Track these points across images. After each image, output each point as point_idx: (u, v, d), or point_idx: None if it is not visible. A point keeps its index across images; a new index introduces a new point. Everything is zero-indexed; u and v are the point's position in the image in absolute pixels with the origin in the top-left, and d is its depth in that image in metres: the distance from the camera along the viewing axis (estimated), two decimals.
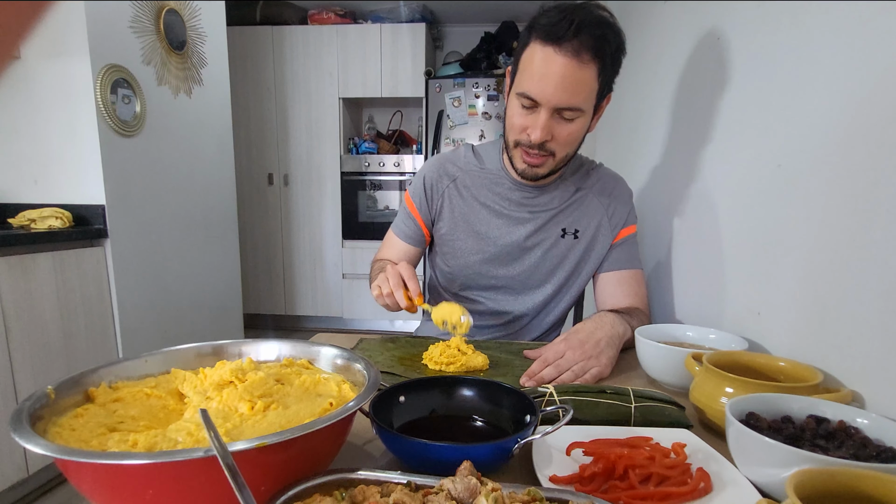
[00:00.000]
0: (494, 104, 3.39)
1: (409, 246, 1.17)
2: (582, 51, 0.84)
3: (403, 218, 1.17)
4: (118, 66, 2.00)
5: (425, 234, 1.16)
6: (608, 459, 0.51)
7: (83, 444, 0.45)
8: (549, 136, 0.92)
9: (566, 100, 0.88)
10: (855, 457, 0.47)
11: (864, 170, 0.64)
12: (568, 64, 0.85)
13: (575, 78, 0.86)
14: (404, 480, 0.43)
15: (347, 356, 0.62)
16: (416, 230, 1.16)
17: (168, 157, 2.33)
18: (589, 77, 0.87)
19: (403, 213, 1.18)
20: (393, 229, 1.20)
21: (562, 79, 0.86)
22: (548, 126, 0.91)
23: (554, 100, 0.88)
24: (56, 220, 1.85)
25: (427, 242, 1.19)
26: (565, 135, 0.93)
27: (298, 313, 3.83)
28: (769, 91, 0.86)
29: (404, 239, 1.17)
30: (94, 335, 1.93)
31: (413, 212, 1.15)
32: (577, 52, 0.84)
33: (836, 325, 0.68)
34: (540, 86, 0.88)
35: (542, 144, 0.93)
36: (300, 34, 3.52)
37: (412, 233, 1.16)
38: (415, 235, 1.16)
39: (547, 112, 0.89)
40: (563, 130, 0.92)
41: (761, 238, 0.86)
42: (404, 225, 1.17)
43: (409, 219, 1.16)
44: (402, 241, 1.17)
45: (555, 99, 0.88)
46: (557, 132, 0.92)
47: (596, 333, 0.86)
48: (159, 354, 0.62)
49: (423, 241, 1.18)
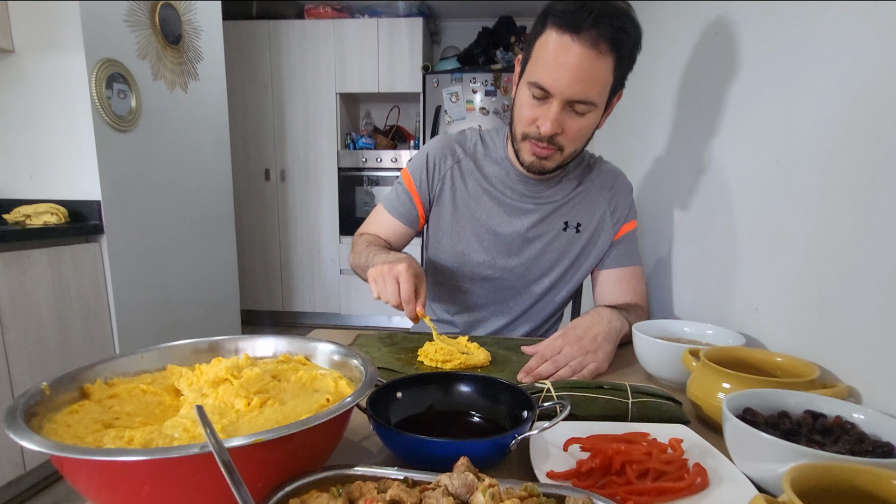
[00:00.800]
0: (492, 99, 3.38)
1: (399, 224, 1.10)
2: (600, 41, 0.81)
3: (398, 194, 1.10)
4: (113, 61, 1.98)
5: (420, 214, 1.10)
6: (605, 455, 0.51)
7: (78, 440, 0.45)
8: (559, 129, 0.89)
9: (580, 92, 0.84)
10: (851, 452, 0.47)
11: (863, 166, 0.64)
12: (585, 55, 0.81)
13: (591, 70, 0.83)
14: (401, 476, 0.43)
15: (344, 352, 0.62)
16: (412, 209, 1.10)
17: (164, 153, 2.32)
18: (604, 70, 0.84)
19: (399, 189, 1.11)
20: (384, 205, 1.12)
21: (577, 70, 0.82)
22: (559, 119, 0.87)
23: (568, 92, 0.84)
24: (51, 216, 1.84)
25: (420, 224, 1.13)
26: (575, 129, 0.90)
27: (296, 309, 3.83)
28: (768, 87, 0.85)
29: (396, 216, 1.10)
30: (90, 331, 1.93)
31: (411, 189, 1.09)
32: (594, 42, 0.81)
33: (833, 320, 0.68)
34: (554, 76, 0.84)
35: (552, 138, 0.90)
36: (297, 28, 3.50)
37: (406, 211, 1.10)
38: (409, 214, 1.10)
39: (559, 104, 0.86)
40: (573, 125, 0.89)
41: (759, 234, 0.86)
42: (398, 202, 1.10)
43: (404, 195, 1.09)
44: (394, 218, 1.10)
45: (569, 91, 0.84)
46: (568, 126, 0.89)
47: (593, 329, 0.86)
48: (156, 351, 0.61)
49: (417, 221, 1.11)
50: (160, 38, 2.25)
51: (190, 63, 2.47)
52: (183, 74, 2.42)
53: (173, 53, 2.34)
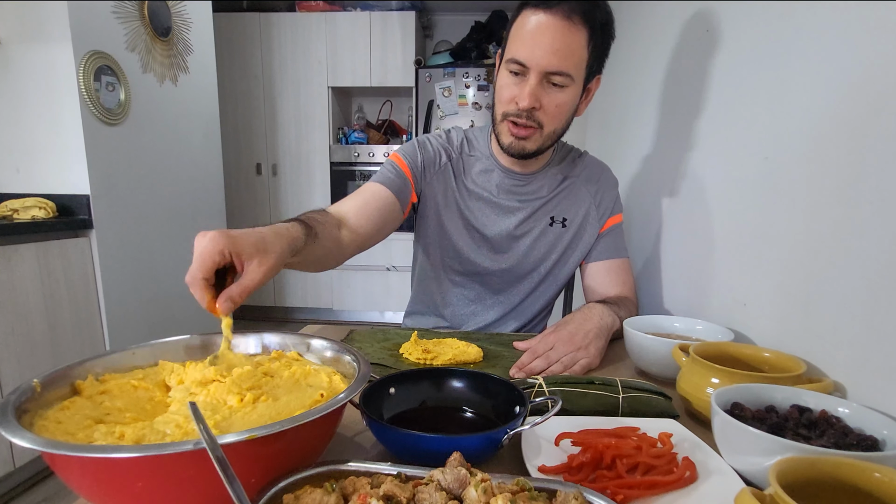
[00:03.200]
0: (485, 94, 3.37)
1: (388, 193, 0.98)
2: (573, 14, 0.85)
3: (388, 169, 1.03)
4: (101, 53, 1.96)
5: (412, 196, 1.04)
6: (596, 449, 0.52)
7: (69, 436, 0.45)
8: (537, 102, 0.91)
9: (556, 63, 0.87)
10: (836, 445, 0.48)
11: (849, 163, 0.65)
12: (559, 26, 0.85)
13: (565, 40, 0.86)
14: (394, 472, 0.43)
15: (337, 348, 0.62)
16: (404, 188, 1.02)
17: (154, 147, 2.30)
18: (579, 42, 0.87)
19: (388, 166, 1.04)
20: (375, 178, 1.02)
21: (552, 41, 0.86)
22: (536, 92, 0.90)
23: (543, 62, 0.87)
24: (39, 211, 1.82)
25: (407, 211, 1.05)
26: (554, 105, 0.92)
27: (288, 305, 3.81)
28: (756, 84, 0.86)
29: (386, 184, 1.00)
30: (80, 327, 1.91)
31: (403, 167, 1.03)
32: (567, 15, 0.85)
33: (819, 316, 0.69)
34: (529, 49, 0.87)
35: (531, 113, 0.92)
36: (288, 21, 3.47)
37: (398, 189, 1.01)
38: (401, 192, 1.01)
39: (536, 76, 0.89)
40: (552, 100, 0.91)
41: (747, 230, 0.87)
42: (392, 175, 1.02)
43: (395, 170, 1.03)
44: (386, 188, 0.99)
45: (544, 61, 0.87)
46: (546, 101, 0.91)
47: (585, 325, 0.87)
48: (147, 347, 0.61)
49: (407, 202, 1.03)
50: (149, 30, 2.21)
51: (180, 56, 2.44)
52: (173, 67, 2.39)
53: (163, 46, 2.31)
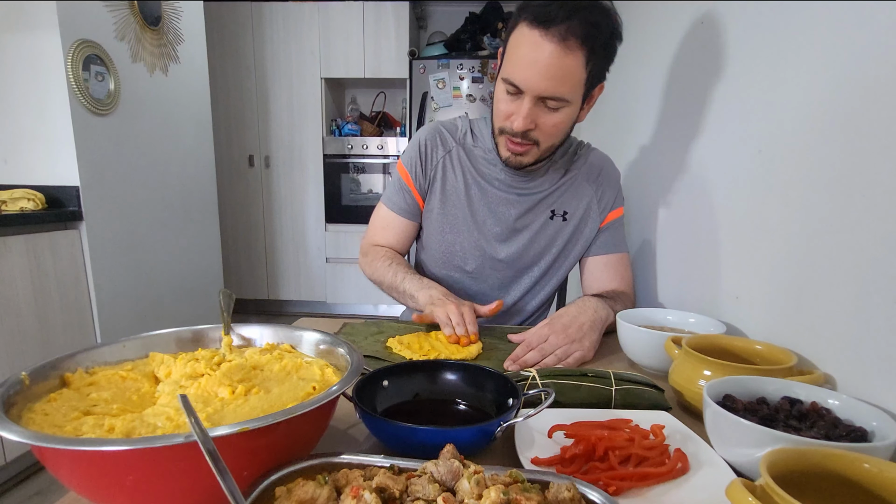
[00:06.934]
0: (479, 86, 3.35)
1: (405, 221, 1.11)
2: (569, 37, 0.81)
3: (397, 190, 1.10)
4: (90, 42, 1.92)
5: (420, 205, 1.11)
6: (589, 441, 0.52)
7: (57, 429, 0.44)
8: (532, 124, 0.90)
9: (551, 89, 0.85)
10: (826, 437, 0.48)
11: (842, 157, 0.65)
12: (554, 51, 0.81)
13: (560, 66, 0.83)
14: (387, 464, 0.43)
15: (330, 340, 0.62)
16: (413, 203, 1.10)
17: (144, 137, 2.27)
18: (575, 66, 0.84)
19: (397, 184, 1.11)
20: (385, 203, 1.12)
21: (546, 67, 0.83)
22: (531, 114, 0.88)
23: (537, 88, 0.85)
24: (28, 202, 1.80)
25: (420, 213, 1.14)
26: (550, 125, 0.90)
27: (281, 298, 3.80)
28: (751, 77, 0.86)
29: (399, 213, 1.10)
30: (70, 320, 1.89)
31: (408, 182, 1.09)
32: (563, 38, 0.81)
33: (810, 309, 0.69)
34: (523, 73, 0.85)
35: (526, 133, 0.91)
36: (280, 11, 3.42)
37: (408, 206, 1.10)
38: (410, 209, 1.10)
39: (530, 100, 0.87)
40: (547, 120, 0.90)
41: (740, 223, 0.88)
42: (399, 198, 1.10)
43: (403, 191, 1.10)
44: (398, 215, 1.10)
45: (538, 88, 0.85)
46: (542, 122, 0.90)
47: (579, 318, 0.87)
48: (138, 339, 0.61)
49: (419, 214, 1.12)
50: (139, 18, 2.18)
51: (170, 45, 2.40)
52: (163, 57, 2.36)
53: (153, 35, 2.28)
